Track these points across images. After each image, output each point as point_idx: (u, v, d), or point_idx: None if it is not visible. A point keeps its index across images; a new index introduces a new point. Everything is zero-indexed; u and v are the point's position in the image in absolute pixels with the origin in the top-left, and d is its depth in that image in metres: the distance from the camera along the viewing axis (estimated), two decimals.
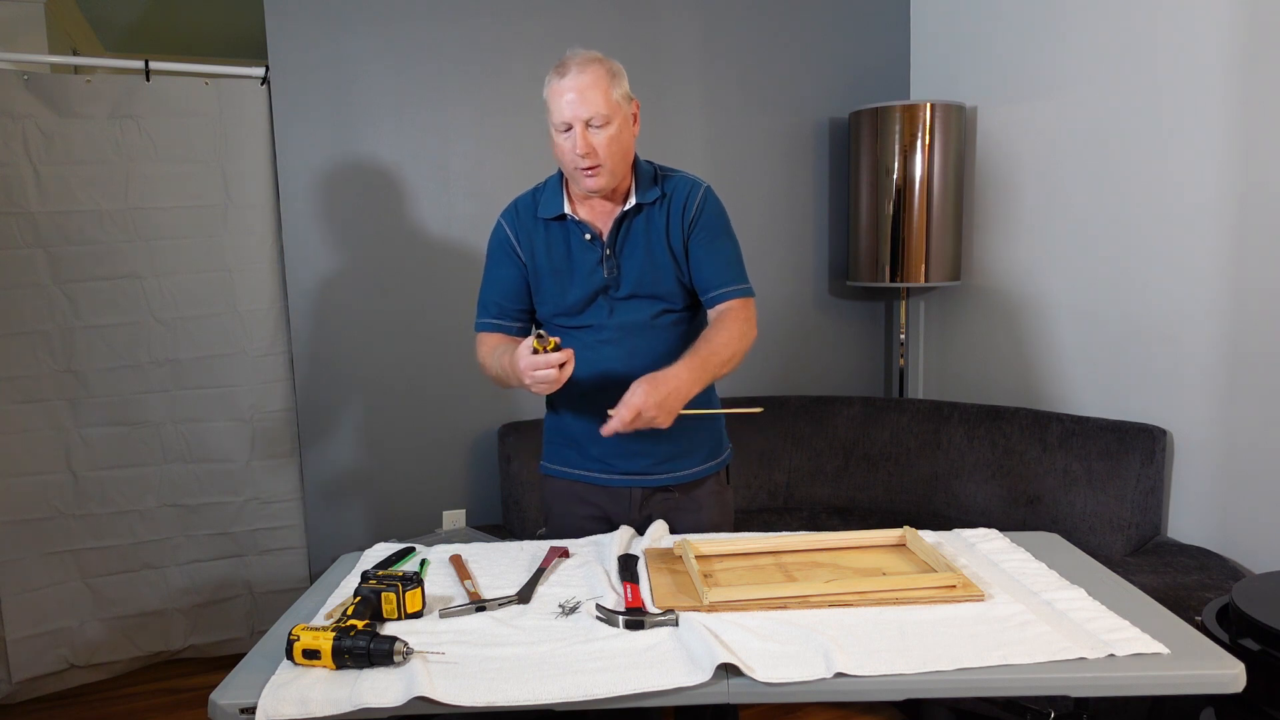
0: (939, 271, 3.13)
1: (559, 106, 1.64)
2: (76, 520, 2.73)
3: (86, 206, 2.66)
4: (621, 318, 1.77)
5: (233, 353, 2.83)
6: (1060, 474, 2.70)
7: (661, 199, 1.77)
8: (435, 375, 3.03)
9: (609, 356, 1.77)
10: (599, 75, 1.64)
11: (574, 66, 1.64)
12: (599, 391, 1.74)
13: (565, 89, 1.63)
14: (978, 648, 1.26)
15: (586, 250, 1.76)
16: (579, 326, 1.79)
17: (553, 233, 1.78)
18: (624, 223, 1.75)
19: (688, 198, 1.77)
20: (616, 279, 1.76)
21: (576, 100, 1.62)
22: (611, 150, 1.66)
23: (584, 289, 1.77)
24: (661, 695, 1.20)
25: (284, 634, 1.36)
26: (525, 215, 1.81)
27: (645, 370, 1.66)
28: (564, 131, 1.66)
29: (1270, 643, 1.69)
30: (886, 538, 1.70)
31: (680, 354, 1.70)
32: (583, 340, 1.78)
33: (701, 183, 1.81)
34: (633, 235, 1.76)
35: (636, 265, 1.75)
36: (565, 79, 1.63)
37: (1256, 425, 2.35)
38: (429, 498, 3.07)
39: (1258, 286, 2.32)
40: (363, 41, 2.88)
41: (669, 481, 1.84)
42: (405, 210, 2.96)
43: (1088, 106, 2.77)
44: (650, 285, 1.76)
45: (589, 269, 1.76)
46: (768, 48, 3.31)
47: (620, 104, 1.68)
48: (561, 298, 1.79)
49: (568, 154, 1.67)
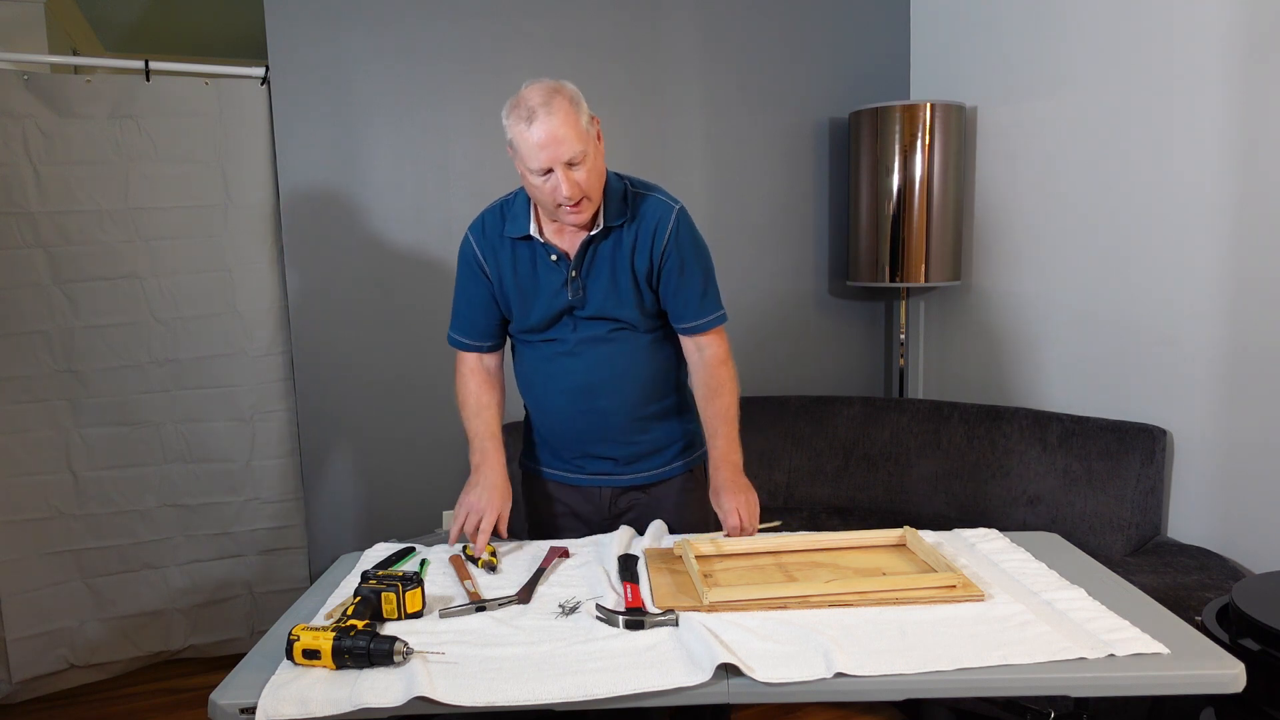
0: (939, 271, 3.13)
1: (532, 154, 1.58)
2: (76, 520, 2.73)
3: (86, 206, 2.66)
4: (584, 333, 1.77)
5: (233, 353, 2.83)
6: (1060, 474, 2.70)
7: (630, 221, 1.74)
8: (435, 375, 3.03)
9: (571, 368, 1.79)
10: (567, 112, 1.58)
11: (540, 109, 1.57)
12: (563, 398, 1.81)
13: (537, 136, 1.57)
14: (978, 648, 1.26)
15: (552, 271, 1.75)
16: (543, 340, 1.81)
17: (519, 251, 1.77)
18: (591, 245, 1.73)
19: (657, 226, 1.73)
20: (582, 300, 1.75)
21: (552, 146, 1.57)
22: (592, 181, 1.64)
23: (549, 309, 1.76)
24: (661, 695, 1.20)
25: (284, 634, 1.36)
26: (492, 232, 1.79)
27: (607, 380, 1.77)
28: (542, 175, 1.61)
29: (1270, 643, 1.69)
30: (886, 538, 1.70)
31: (640, 366, 1.79)
32: (545, 352, 1.81)
33: (673, 206, 1.76)
34: (599, 258, 1.74)
35: (601, 288, 1.74)
36: (535, 125, 1.57)
37: (1256, 425, 2.35)
38: (429, 498, 3.07)
39: (1258, 286, 2.32)
40: (363, 41, 2.88)
41: (637, 481, 1.87)
42: (405, 210, 2.96)
43: (1088, 106, 2.77)
44: (613, 308, 1.76)
45: (554, 290, 1.75)
46: (768, 48, 3.31)
47: (588, 132, 1.63)
48: (526, 316, 1.79)
49: (548, 195, 1.62)
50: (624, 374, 1.78)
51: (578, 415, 1.81)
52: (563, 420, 1.84)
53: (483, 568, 1.66)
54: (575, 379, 1.79)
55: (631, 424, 1.82)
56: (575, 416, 1.82)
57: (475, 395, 1.86)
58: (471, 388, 1.87)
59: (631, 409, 1.81)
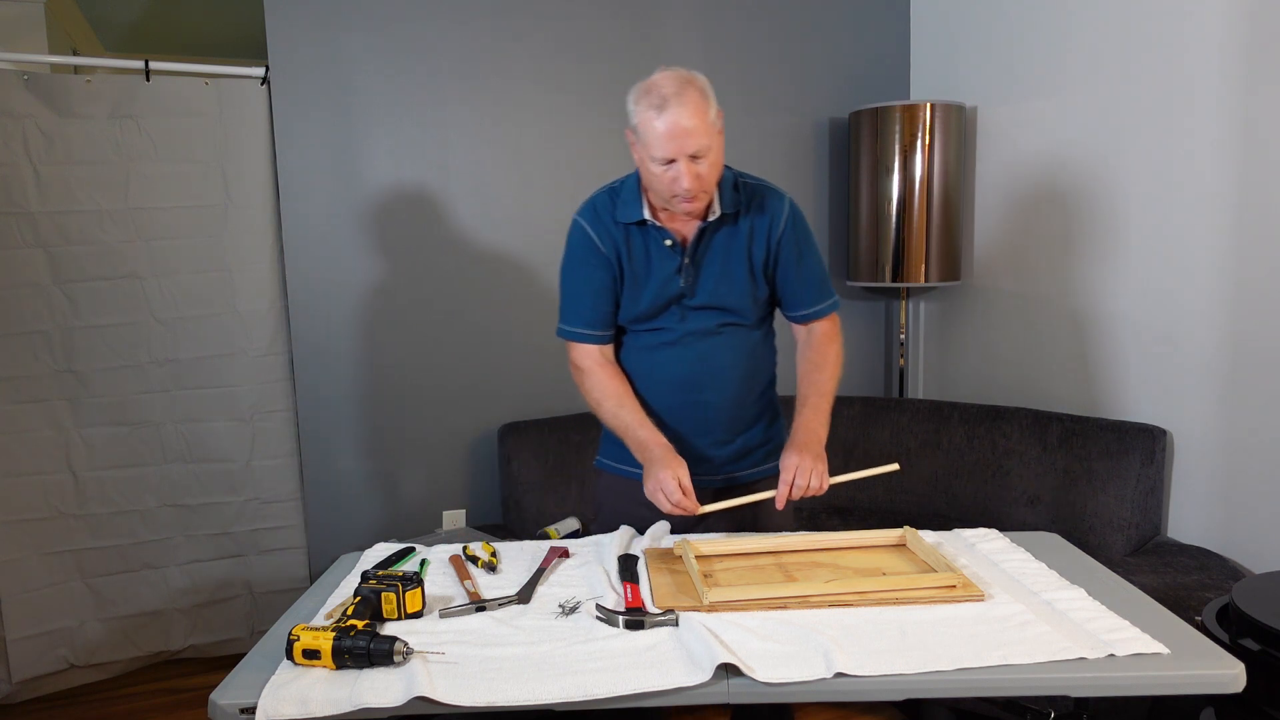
0: (939, 271, 3.13)
1: (658, 143, 1.55)
2: (76, 520, 2.73)
3: (86, 206, 2.66)
4: (692, 325, 1.75)
5: (233, 353, 2.83)
6: (1060, 474, 2.70)
7: (745, 211, 1.72)
8: (435, 375, 3.03)
9: (678, 358, 1.75)
10: (697, 104, 1.55)
11: (672, 99, 1.53)
12: (667, 389, 1.75)
13: (666, 125, 1.53)
14: (978, 648, 1.26)
15: (666, 257, 1.72)
16: (648, 329, 1.77)
17: (632, 237, 1.73)
18: (706, 233, 1.71)
19: (774, 215, 1.73)
20: (693, 288, 1.72)
21: (680, 137, 1.54)
22: (711, 176, 1.62)
23: (659, 296, 1.73)
24: (661, 695, 1.20)
25: (284, 634, 1.36)
26: (605, 216, 1.74)
27: (711, 374, 1.72)
28: (664, 164, 1.57)
29: (1270, 643, 1.69)
30: (886, 538, 1.70)
31: (745, 362, 1.75)
32: (649, 342, 1.77)
33: (785, 196, 1.76)
34: (714, 246, 1.72)
35: (713, 276, 1.72)
36: (666, 114, 1.53)
37: (1256, 425, 2.35)
38: (429, 498, 3.07)
39: (1258, 286, 2.32)
40: (363, 41, 2.87)
41: (728, 483, 1.83)
42: (405, 210, 2.96)
43: (1088, 106, 2.77)
44: (722, 297, 1.73)
45: (666, 276, 1.72)
46: (767, 48, 3.31)
47: (715, 125, 1.60)
48: (635, 304, 1.75)
49: (667, 184, 1.59)
50: (730, 368, 1.76)
51: (680, 408, 1.77)
52: (664, 412, 1.78)
53: (482, 568, 1.66)
54: (681, 369, 1.75)
55: (732, 421, 1.79)
56: (676, 410, 1.77)
57: (613, 387, 1.75)
58: (605, 377, 1.76)
59: (735, 405, 1.78)
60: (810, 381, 1.76)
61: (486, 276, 3.05)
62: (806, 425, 1.70)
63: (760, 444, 1.86)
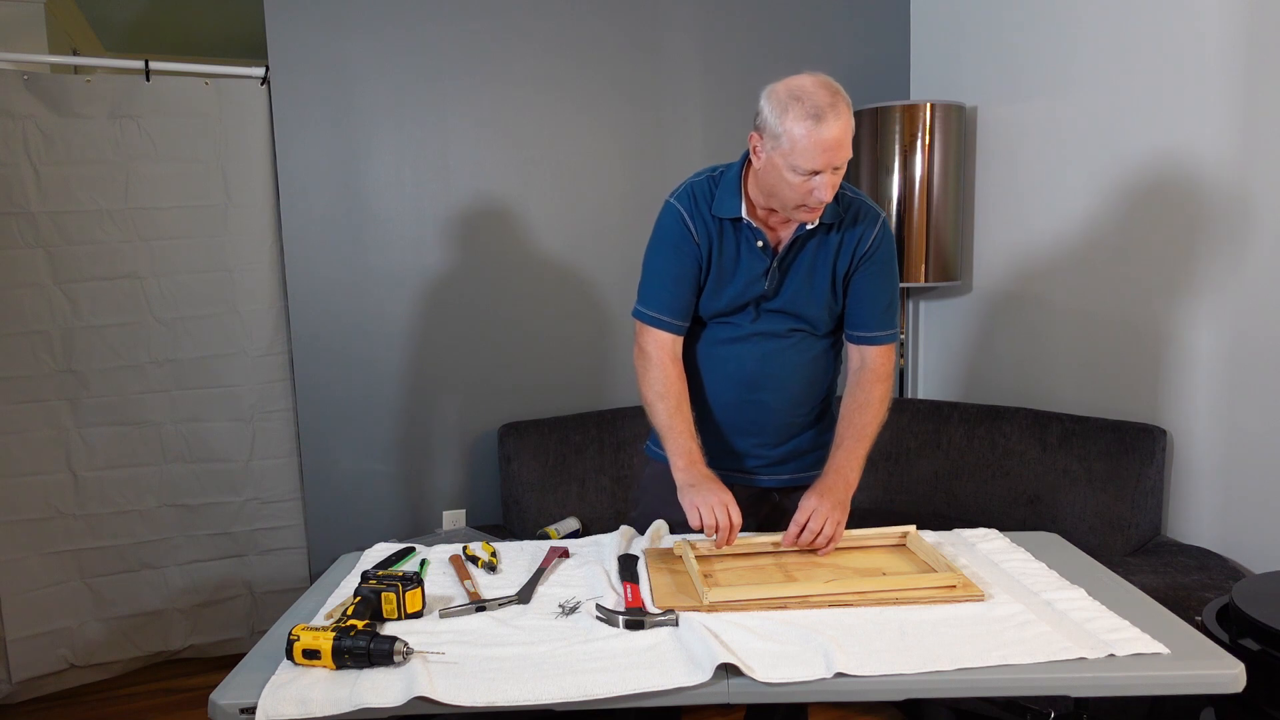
0: (939, 271, 3.13)
1: (811, 154, 1.50)
2: (76, 520, 2.73)
3: (86, 206, 2.66)
4: (763, 325, 1.73)
5: (233, 353, 2.83)
6: (1060, 474, 2.70)
7: (840, 222, 1.70)
8: (435, 375, 3.03)
9: (744, 355, 1.74)
10: (848, 118, 1.52)
11: (829, 110, 1.50)
12: (727, 384, 1.75)
13: (822, 138, 1.49)
14: (978, 648, 1.26)
15: (755, 258, 1.70)
16: (719, 323, 1.76)
17: (725, 232, 1.70)
18: (800, 240, 1.69)
19: (865, 230, 1.70)
20: (775, 291, 1.71)
21: (835, 149, 1.51)
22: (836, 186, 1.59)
23: (741, 295, 1.71)
24: (661, 695, 1.20)
25: (284, 634, 1.36)
26: (703, 205, 1.70)
27: (773, 375, 1.72)
28: (807, 174, 1.53)
29: (1270, 643, 1.69)
30: (887, 537, 1.70)
31: (807, 367, 1.74)
32: (718, 335, 1.76)
33: (881, 215, 1.73)
34: (804, 254, 1.70)
35: (797, 284, 1.71)
36: (824, 126, 1.49)
37: (1256, 425, 2.35)
38: (429, 498, 3.07)
39: (1258, 287, 2.32)
40: (363, 42, 2.87)
41: (775, 484, 1.83)
42: (405, 210, 2.96)
43: (1088, 106, 2.77)
44: (801, 305, 1.72)
45: (752, 277, 1.70)
46: (768, 48, 3.31)
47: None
48: (715, 299, 1.73)
49: (801, 194, 1.56)
50: (793, 371, 1.75)
51: (736, 405, 1.76)
52: (719, 408, 1.77)
53: (482, 568, 1.66)
54: (745, 366, 1.74)
55: (786, 424, 1.79)
56: (732, 406, 1.77)
57: (675, 385, 1.71)
58: (670, 375, 1.72)
59: (791, 407, 1.77)
60: (850, 422, 1.72)
61: (487, 276, 3.05)
62: (838, 468, 1.67)
63: (809, 449, 1.84)
